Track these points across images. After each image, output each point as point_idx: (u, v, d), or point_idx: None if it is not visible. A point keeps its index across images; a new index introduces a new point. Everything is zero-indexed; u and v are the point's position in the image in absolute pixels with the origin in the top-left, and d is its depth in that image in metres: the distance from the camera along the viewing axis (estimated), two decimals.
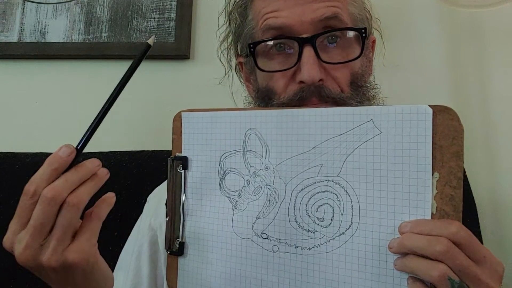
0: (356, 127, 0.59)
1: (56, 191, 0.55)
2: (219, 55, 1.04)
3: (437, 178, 0.55)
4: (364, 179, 0.59)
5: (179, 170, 0.71)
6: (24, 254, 0.56)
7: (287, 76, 0.81)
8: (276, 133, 0.65)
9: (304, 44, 0.78)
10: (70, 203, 0.56)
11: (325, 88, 0.78)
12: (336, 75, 0.79)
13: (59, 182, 0.56)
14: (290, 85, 0.80)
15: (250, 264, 0.66)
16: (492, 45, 1.28)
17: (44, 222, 0.55)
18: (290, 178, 0.64)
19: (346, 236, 0.59)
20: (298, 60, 0.78)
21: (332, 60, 0.79)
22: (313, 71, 0.76)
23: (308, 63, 0.77)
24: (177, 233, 0.71)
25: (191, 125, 0.72)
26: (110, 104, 0.62)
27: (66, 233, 0.56)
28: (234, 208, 0.67)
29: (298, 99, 0.79)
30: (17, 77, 1.45)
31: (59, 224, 0.56)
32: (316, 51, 0.78)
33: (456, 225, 0.52)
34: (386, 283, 0.56)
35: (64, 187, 0.56)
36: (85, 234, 0.58)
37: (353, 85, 0.81)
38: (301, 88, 0.78)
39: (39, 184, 0.56)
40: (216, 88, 1.33)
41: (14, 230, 0.57)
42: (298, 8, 0.79)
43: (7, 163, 1.22)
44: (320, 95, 0.78)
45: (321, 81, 0.78)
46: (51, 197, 0.55)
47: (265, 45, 0.83)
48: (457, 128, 0.54)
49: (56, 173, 0.57)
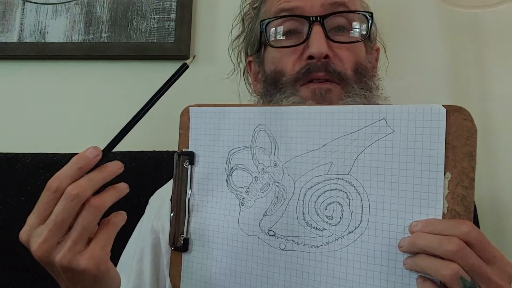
0: (368, 126, 0.59)
1: (81, 189, 0.55)
2: (230, 54, 1.07)
3: (449, 178, 0.55)
4: (375, 178, 0.59)
5: (185, 165, 0.71)
6: (40, 248, 0.55)
7: (295, 54, 0.84)
8: (286, 130, 0.65)
9: (314, 22, 0.82)
10: (93, 204, 0.56)
11: (331, 64, 0.81)
12: (342, 56, 0.83)
13: (83, 181, 0.57)
14: (298, 63, 0.84)
15: (256, 261, 0.65)
16: (492, 46, 1.28)
17: (65, 219, 0.55)
18: (299, 175, 0.63)
19: (355, 234, 0.59)
20: (307, 38, 0.82)
21: (339, 40, 0.83)
22: (321, 45, 0.80)
23: (316, 38, 0.81)
24: (181, 229, 0.70)
25: (199, 120, 0.71)
26: (140, 115, 0.64)
27: (83, 234, 0.56)
28: (241, 204, 0.67)
29: (305, 73, 0.82)
30: (17, 77, 1.43)
31: (78, 224, 0.56)
32: (324, 30, 0.82)
33: (467, 225, 0.52)
34: (395, 282, 0.56)
35: (88, 186, 0.56)
36: (100, 241, 0.58)
37: (357, 72, 0.84)
38: (308, 64, 0.82)
39: (62, 180, 0.56)
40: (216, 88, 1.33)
41: (32, 224, 0.57)
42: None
43: (7, 163, 1.22)
44: (327, 70, 0.81)
45: (328, 58, 0.81)
46: (75, 194, 0.55)
47: (276, 29, 0.86)
48: (470, 129, 0.54)
49: (81, 172, 0.57)
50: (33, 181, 1.18)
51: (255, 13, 0.95)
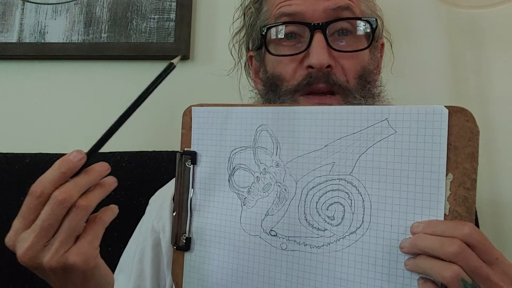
0: (370, 126, 0.59)
1: (67, 194, 0.55)
2: (230, 49, 1.05)
3: (451, 179, 0.55)
4: (377, 179, 0.59)
5: (187, 165, 0.71)
6: (26, 253, 0.55)
7: (296, 61, 0.82)
8: (288, 130, 0.65)
9: (315, 30, 0.79)
10: (80, 206, 0.56)
11: (332, 75, 0.79)
12: (344, 65, 0.80)
13: (70, 185, 0.56)
14: (299, 71, 0.81)
15: (257, 261, 0.65)
16: (492, 46, 1.29)
17: (51, 224, 0.55)
18: (301, 175, 0.63)
19: (357, 235, 0.59)
20: (308, 46, 0.80)
21: (342, 49, 0.80)
22: (322, 56, 0.78)
23: (317, 47, 0.78)
24: (184, 228, 0.70)
25: (201, 120, 0.71)
26: (126, 116, 0.61)
27: (71, 235, 0.56)
28: (243, 204, 0.67)
29: (306, 84, 0.79)
30: (17, 77, 1.43)
31: (65, 226, 0.55)
32: (326, 38, 0.79)
33: (469, 226, 0.52)
34: (396, 283, 0.56)
35: (75, 190, 0.56)
36: (88, 237, 0.58)
37: (361, 79, 0.82)
38: (309, 73, 0.79)
39: (46, 185, 0.56)
40: (216, 88, 1.33)
41: (17, 229, 0.56)
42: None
43: (7, 163, 1.22)
44: (327, 81, 0.78)
45: (330, 67, 0.79)
46: (62, 200, 0.54)
47: (276, 33, 0.84)
48: (472, 130, 0.54)
49: (64, 176, 0.56)
50: (33, 181, 1.15)
51: (256, 8, 0.93)
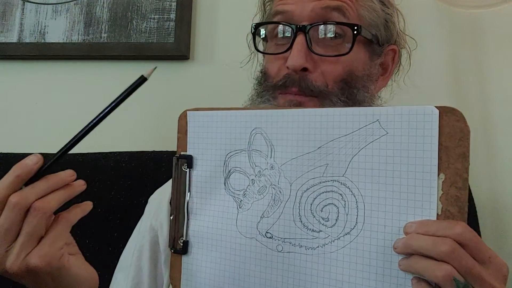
0: (362, 128, 0.60)
1: (21, 197, 0.55)
2: (248, 41, 1.00)
3: (443, 179, 0.55)
4: (370, 180, 0.59)
5: (184, 168, 0.71)
6: None
7: (281, 60, 0.82)
8: (282, 132, 0.65)
9: (298, 31, 0.78)
10: (36, 208, 0.56)
11: (308, 80, 0.78)
12: (324, 69, 0.79)
13: (26, 189, 0.56)
14: (282, 70, 0.81)
15: (254, 263, 0.66)
16: (492, 46, 1.28)
17: (8, 228, 0.55)
18: (295, 177, 0.64)
19: (351, 236, 0.60)
20: (289, 47, 0.79)
21: (323, 53, 0.79)
22: (296, 58, 0.77)
23: (295, 49, 0.78)
24: (181, 231, 0.71)
25: (197, 124, 0.72)
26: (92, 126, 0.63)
27: (31, 239, 0.56)
28: (239, 207, 0.68)
29: (281, 85, 0.80)
30: (17, 77, 1.44)
31: (24, 230, 0.56)
32: (308, 40, 0.78)
33: (461, 225, 0.53)
34: (391, 283, 0.56)
35: (30, 193, 0.56)
36: (49, 238, 0.58)
37: (342, 83, 0.79)
38: (287, 74, 0.79)
39: (1, 191, 0.56)
40: (216, 88, 1.33)
41: None
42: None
43: (7, 163, 1.22)
44: (300, 85, 0.78)
45: (307, 71, 0.78)
46: (15, 202, 0.55)
47: (265, 31, 0.85)
48: (463, 129, 0.55)
49: (19, 180, 0.57)
50: None
51: (267, 3, 0.92)
